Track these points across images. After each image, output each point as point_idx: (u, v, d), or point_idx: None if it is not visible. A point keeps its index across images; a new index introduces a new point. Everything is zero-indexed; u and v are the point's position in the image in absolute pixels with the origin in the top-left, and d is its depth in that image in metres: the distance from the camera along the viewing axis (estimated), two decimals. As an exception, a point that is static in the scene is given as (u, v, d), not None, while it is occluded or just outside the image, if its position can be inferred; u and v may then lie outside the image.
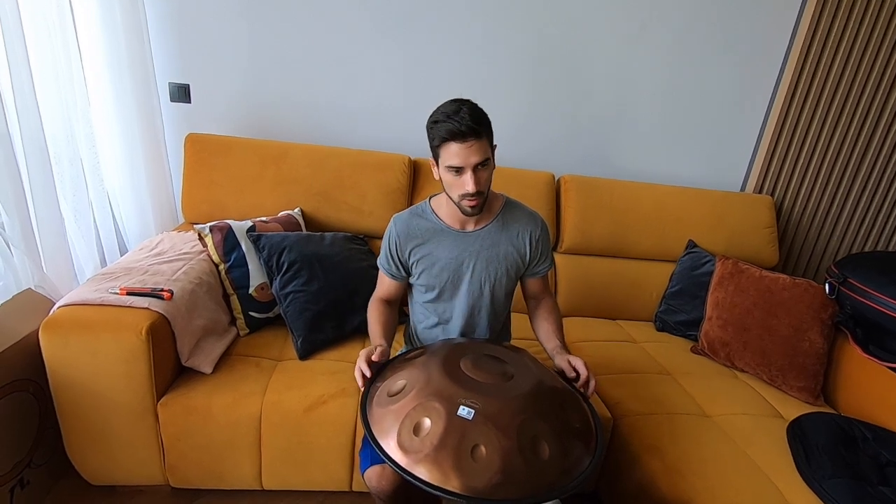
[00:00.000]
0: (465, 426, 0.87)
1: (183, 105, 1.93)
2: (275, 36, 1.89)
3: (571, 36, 2.00)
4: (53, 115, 1.49)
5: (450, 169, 1.09)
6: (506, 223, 1.26)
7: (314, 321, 1.51)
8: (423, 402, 0.91)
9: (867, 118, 2.18)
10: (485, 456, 0.84)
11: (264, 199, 1.79)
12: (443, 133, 1.06)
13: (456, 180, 1.10)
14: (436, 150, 1.11)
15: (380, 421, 0.92)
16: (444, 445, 0.85)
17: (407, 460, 0.84)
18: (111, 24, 1.63)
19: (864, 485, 1.17)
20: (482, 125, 1.07)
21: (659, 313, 2.02)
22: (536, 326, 1.33)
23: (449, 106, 1.08)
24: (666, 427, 1.38)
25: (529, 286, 1.36)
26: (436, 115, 1.09)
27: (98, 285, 1.29)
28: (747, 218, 2.09)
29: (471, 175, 1.08)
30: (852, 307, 1.65)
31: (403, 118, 2.04)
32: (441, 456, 0.84)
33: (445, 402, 0.90)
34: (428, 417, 0.88)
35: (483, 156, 1.08)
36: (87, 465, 1.32)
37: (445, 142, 1.07)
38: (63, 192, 1.54)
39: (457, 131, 1.04)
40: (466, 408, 0.89)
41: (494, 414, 0.89)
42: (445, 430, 0.86)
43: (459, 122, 1.04)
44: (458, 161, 1.07)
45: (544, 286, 1.37)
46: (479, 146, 1.07)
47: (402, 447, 0.86)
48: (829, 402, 1.65)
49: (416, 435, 0.87)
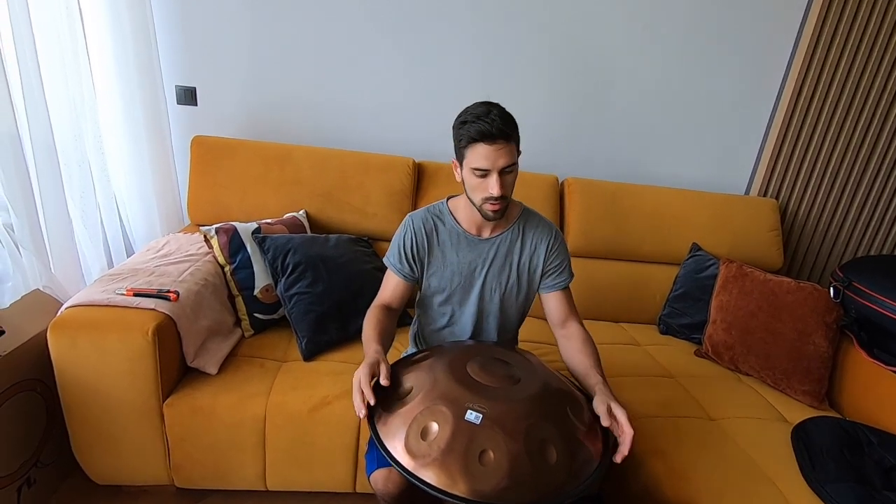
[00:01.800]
0: (473, 430, 0.86)
1: (189, 108, 1.95)
2: (280, 39, 1.90)
3: (576, 39, 2.01)
4: (62, 119, 1.51)
5: (475, 171, 1.07)
6: (522, 232, 1.23)
7: (318, 322, 1.52)
8: (430, 405, 0.91)
9: (872, 121, 2.17)
10: (493, 460, 0.84)
11: (269, 200, 1.80)
12: (472, 133, 1.04)
13: (481, 183, 1.08)
14: (462, 150, 1.09)
15: (387, 424, 0.91)
16: (451, 450, 0.84)
17: (414, 464, 0.84)
18: (119, 28, 1.65)
19: (869, 489, 1.17)
20: (512, 128, 1.06)
21: (662, 316, 2.02)
22: (569, 358, 1.18)
23: (478, 108, 1.06)
24: (670, 430, 1.37)
25: (552, 305, 1.26)
26: (464, 116, 1.07)
27: (105, 286, 1.30)
28: (752, 221, 2.08)
29: (497, 178, 1.06)
30: (857, 311, 1.65)
31: (408, 120, 2.05)
32: (449, 460, 0.84)
33: (453, 406, 0.90)
34: (435, 421, 0.88)
35: (510, 160, 1.06)
36: (93, 465, 1.33)
37: (474, 142, 1.05)
38: (71, 194, 1.56)
39: (486, 132, 1.03)
40: (474, 412, 0.88)
41: (502, 418, 0.89)
42: (453, 434, 0.86)
43: (490, 123, 1.03)
44: (485, 163, 1.05)
45: (569, 307, 1.25)
46: (508, 150, 1.06)
47: (409, 451, 0.86)
48: (833, 406, 1.64)
49: (423, 439, 0.87)
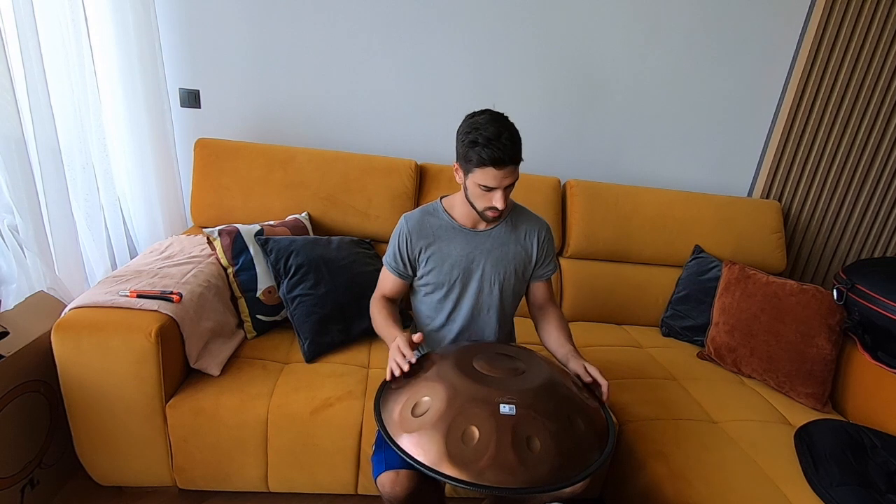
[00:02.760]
0: (513, 421, 0.88)
1: (193, 110, 1.96)
2: (283, 42, 1.91)
3: (579, 40, 2.01)
4: (67, 122, 1.52)
5: (481, 186, 1.11)
6: (514, 224, 1.29)
7: (321, 324, 1.52)
8: (461, 411, 0.91)
9: (875, 123, 2.17)
10: (540, 444, 0.87)
11: (272, 203, 1.81)
12: (484, 157, 1.06)
13: (484, 195, 1.13)
14: (468, 165, 1.11)
15: (419, 444, 0.88)
16: (501, 446, 0.86)
17: (469, 472, 0.84)
18: (123, 32, 1.66)
19: (873, 492, 1.16)
20: (520, 151, 1.09)
21: (665, 318, 2.02)
22: (545, 334, 1.31)
23: (489, 127, 1.06)
24: (672, 433, 1.37)
25: (535, 292, 1.36)
26: (474, 135, 1.06)
27: (109, 288, 1.31)
28: (754, 223, 2.08)
29: (501, 194, 1.11)
30: (860, 313, 1.64)
31: (410, 123, 2.05)
32: (502, 457, 0.85)
33: (484, 405, 0.91)
34: (473, 425, 0.88)
35: (515, 177, 1.11)
36: (95, 466, 1.33)
37: (484, 165, 1.07)
38: (75, 196, 1.57)
39: (498, 159, 1.05)
40: (507, 405, 0.90)
41: (532, 403, 0.92)
42: (497, 431, 0.87)
43: (502, 150, 1.05)
44: (493, 183, 1.09)
45: (549, 294, 1.37)
46: (514, 170, 1.10)
47: (456, 461, 0.85)
48: (837, 408, 1.63)
49: (467, 445, 0.87)
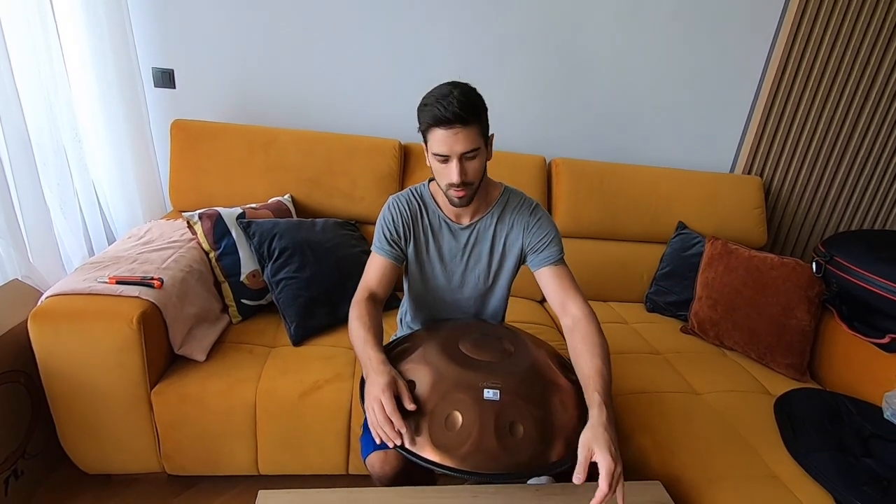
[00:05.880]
0: (496, 407, 0.88)
1: (167, 91, 1.89)
2: (260, 18, 1.85)
3: (562, 17, 1.98)
4: (35, 105, 1.46)
5: (436, 156, 1.03)
6: (501, 215, 1.19)
7: (307, 307, 1.51)
8: (444, 396, 0.90)
9: (854, 100, 2.19)
10: (523, 430, 0.86)
11: (253, 185, 1.77)
12: (428, 118, 1.00)
13: (442, 168, 1.04)
14: (423, 134, 1.05)
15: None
16: (484, 432, 0.85)
17: (451, 459, 0.83)
18: (92, 9, 1.59)
19: (849, 457, 1.20)
20: (470, 112, 0.98)
21: (649, 294, 2.04)
22: (574, 361, 1.04)
23: (440, 89, 1.01)
24: (656, 406, 1.40)
25: (546, 283, 1.16)
26: (426, 98, 1.02)
27: (86, 274, 1.28)
28: (737, 199, 2.10)
29: (456, 164, 1.01)
30: (838, 285, 1.68)
31: (393, 101, 2.01)
32: (485, 443, 0.84)
33: (468, 391, 0.90)
34: (456, 410, 0.88)
35: (470, 145, 1.00)
36: (81, 455, 1.32)
37: (430, 127, 1.01)
38: (47, 182, 1.51)
39: (441, 117, 0.97)
40: (491, 390, 0.89)
41: (516, 388, 0.91)
42: (479, 416, 0.86)
43: (446, 107, 0.96)
44: (443, 149, 1.00)
45: (565, 285, 1.14)
46: (467, 134, 0.99)
47: (439, 447, 0.84)
48: (815, 377, 1.68)
49: (450, 430, 0.86)
